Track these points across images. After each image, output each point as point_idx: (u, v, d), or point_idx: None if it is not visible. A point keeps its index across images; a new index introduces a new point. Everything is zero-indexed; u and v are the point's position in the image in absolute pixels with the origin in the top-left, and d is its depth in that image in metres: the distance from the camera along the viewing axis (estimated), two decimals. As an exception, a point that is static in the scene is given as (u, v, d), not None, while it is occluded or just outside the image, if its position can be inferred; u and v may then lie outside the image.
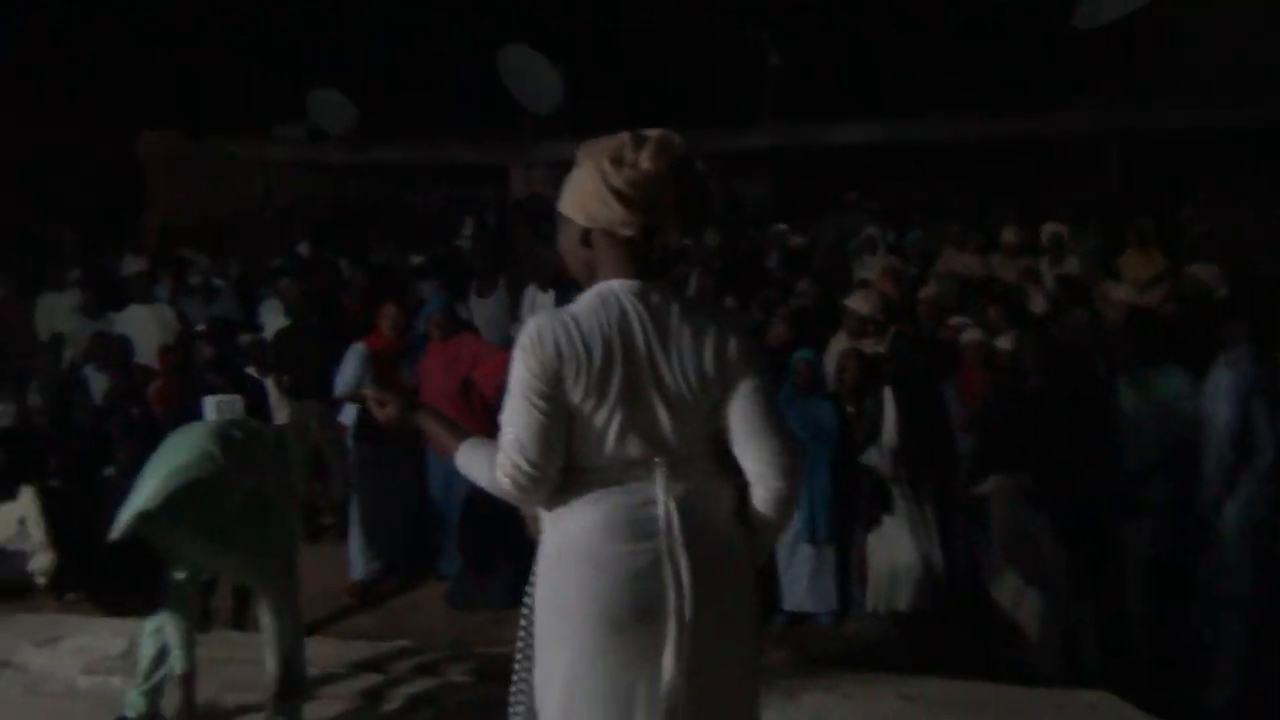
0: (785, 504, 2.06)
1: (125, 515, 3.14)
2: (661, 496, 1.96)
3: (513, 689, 2.15)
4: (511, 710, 2.15)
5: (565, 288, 8.04)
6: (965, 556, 5.28)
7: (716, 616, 1.95)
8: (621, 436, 1.97)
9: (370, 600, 5.76)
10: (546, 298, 8.27)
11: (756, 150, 13.86)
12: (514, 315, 8.30)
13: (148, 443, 6.16)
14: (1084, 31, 12.16)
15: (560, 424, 1.97)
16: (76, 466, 6.12)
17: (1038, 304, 7.32)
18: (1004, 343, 5.64)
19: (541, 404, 1.95)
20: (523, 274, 8.88)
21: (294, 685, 3.44)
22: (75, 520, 5.76)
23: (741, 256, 9.92)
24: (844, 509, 5.25)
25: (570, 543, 2.00)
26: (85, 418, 6.45)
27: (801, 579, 5.23)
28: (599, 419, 1.96)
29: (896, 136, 13.39)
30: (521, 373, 1.96)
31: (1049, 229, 8.38)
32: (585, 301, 2.01)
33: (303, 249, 11.34)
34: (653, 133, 2.03)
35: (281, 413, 6.62)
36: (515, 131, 14.81)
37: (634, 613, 1.93)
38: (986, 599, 4.87)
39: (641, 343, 1.96)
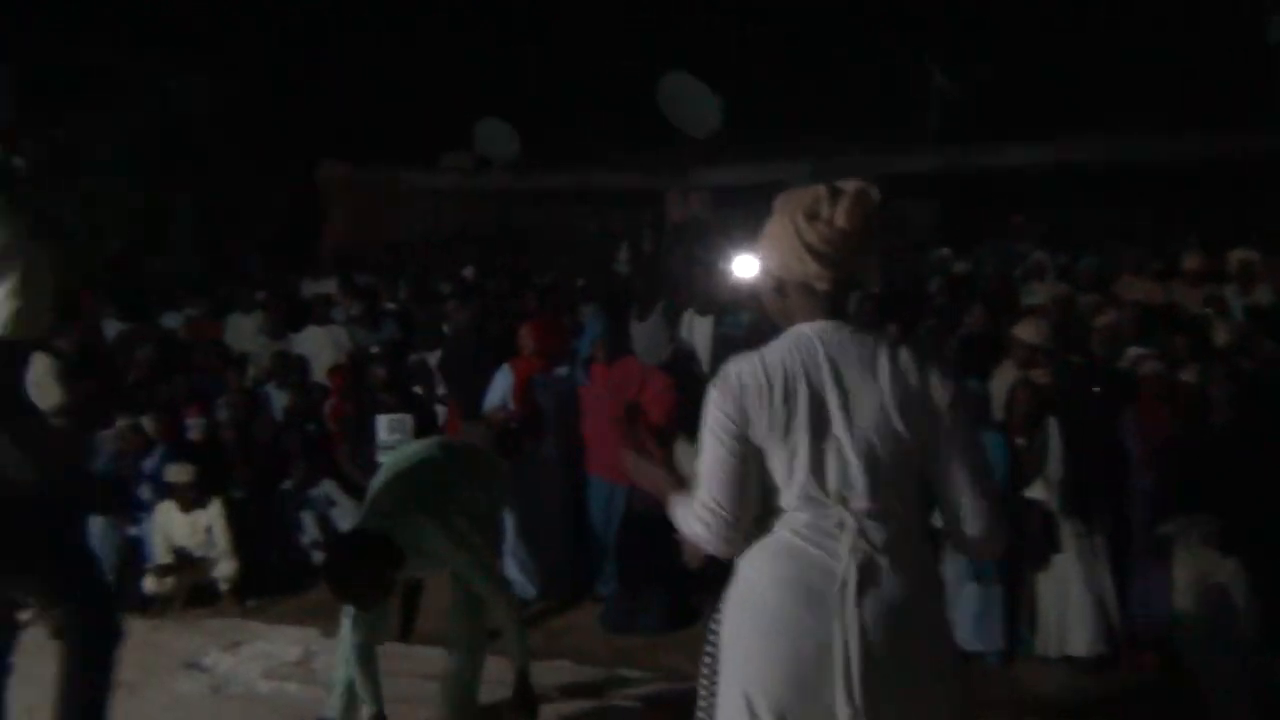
0: (990, 547, 2.01)
1: (368, 513, 3.36)
2: (844, 560, 1.89)
3: (698, 714, 2.16)
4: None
5: (723, 313, 8.03)
6: (1145, 600, 4.99)
7: (896, 693, 1.87)
8: (810, 478, 1.92)
9: (527, 619, 5.85)
10: (704, 322, 8.28)
11: (919, 174, 13.57)
12: (671, 339, 8.32)
13: (322, 458, 6.52)
14: (1275, 49, 11.46)
15: (751, 467, 1.95)
16: (258, 479, 6.47)
17: (1222, 335, 6.89)
18: (1188, 375, 5.32)
19: (731, 444, 1.95)
20: (680, 298, 8.92)
21: (527, 696, 3.64)
22: (257, 530, 6.09)
23: (903, 283, 9.71)
24: (1012, 546, 5.04)
25: (751, 594, 1.98)
26: (266, 433, 6.80)
27: (967, 618, 5.04)
28: (786, 460, 1.93)
29: (1067, 159, 12.88)
30: (713, 414, 1.97)
31: (1237, 256, 7.90)
32: (778, 343, 2.01)
33: (468, 273, 11.70)
34: (850, 186, 1.99)
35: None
36: (673, 156, 14.95)
37: (806, 677, 1.89)
38: (1168, 647, 4.60)
39: (831, 383, 1.92)
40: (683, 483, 2.10)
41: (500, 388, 6.12)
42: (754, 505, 1.98)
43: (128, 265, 12.06)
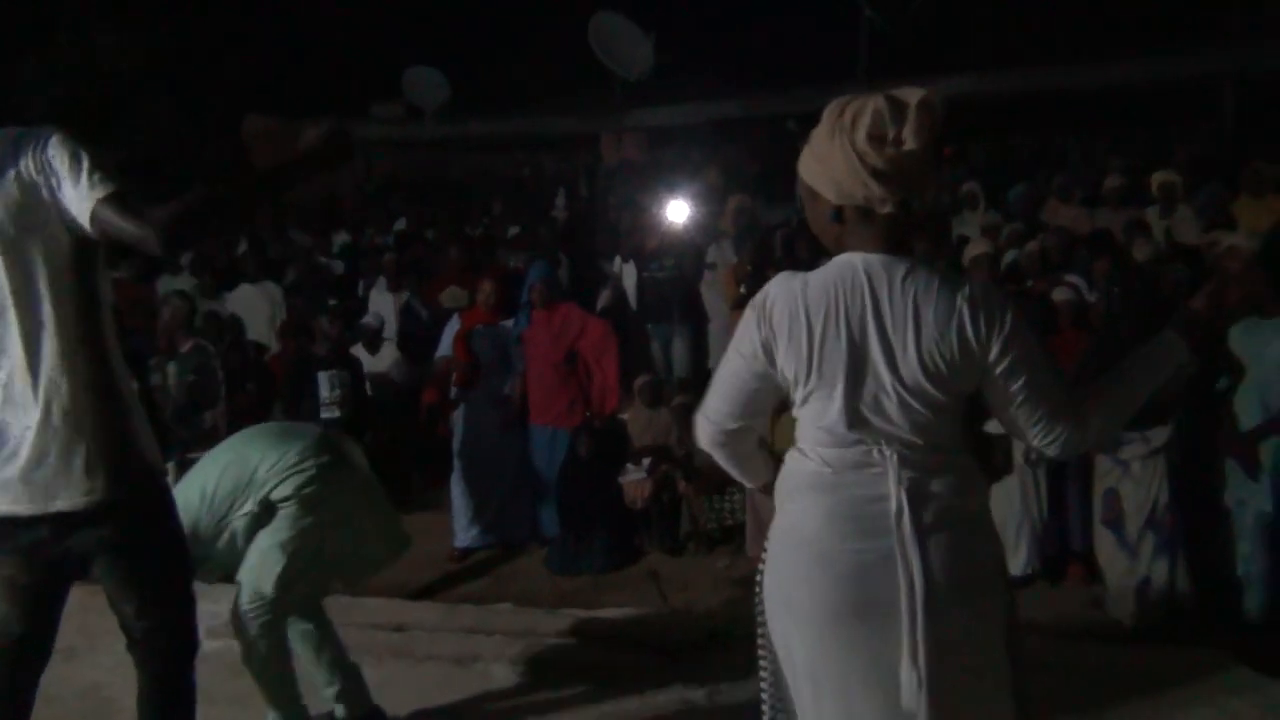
0: (1070, 453, 1.97)
1: None
2: (894, 489, 1.82)
3: (761, 669, 2.07)
4: (762, 686, 2.07)
5: (648, 259, 8.06)
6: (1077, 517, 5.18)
7: (957, 615, 1.82)
8: (847, 415, 1.83)
9: (473, 566, 5.92)
10: (629, 268, 8.32)
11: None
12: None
13: (262, 415, 6.49)
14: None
15: (755, 384, 1.93)
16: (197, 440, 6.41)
17: (1141, 253, 7.05)
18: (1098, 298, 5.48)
19: (747, 365, 1.92)
20: (612, 244, 8.94)
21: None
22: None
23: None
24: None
25: (795, 532, 1.91)
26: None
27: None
28: (821, 391, 1.85)
29: (992, 89, 12.97)
30: (740, 330, 1.93)
31: (1159, 178, 8.03)
32: (824, 270, 1.89)
33: (400, 225, 11.58)
34: (912, 98, 1.82)
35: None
36: (606, 99, 14.84)
37: (862, 610, 1.83)
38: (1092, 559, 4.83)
39: (872, 316, 1.81)
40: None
41: (447, 338, 6.18)
42: (740, 420, 1.99)
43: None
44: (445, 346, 6.22)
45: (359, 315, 7.55)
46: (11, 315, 2.17)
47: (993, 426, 5.07)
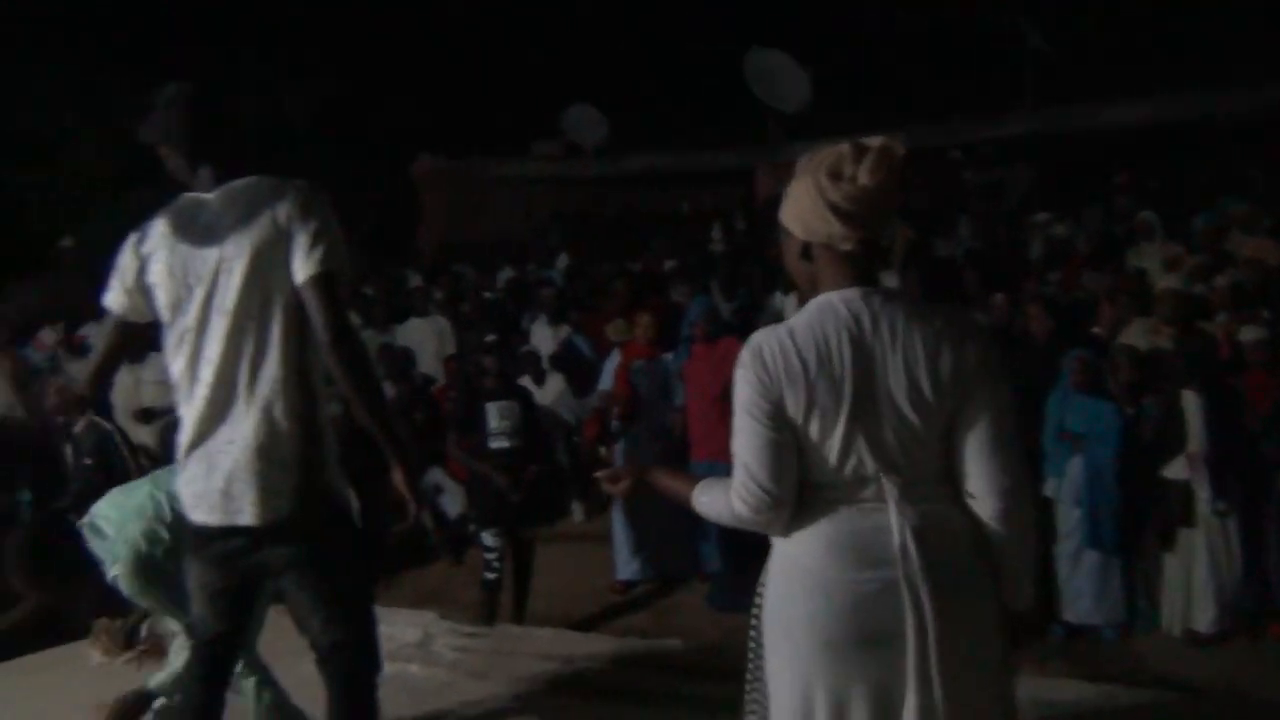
0: (1009, 522, 1.91)
1: None
2: (896, 521, 1.84)
3: (747, 695, 2.11)
4: (747, 712, 2.11)
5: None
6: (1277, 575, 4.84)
7: (962, 645, 1.83)
8: (847, 452, 1.87)
9: (634, 599, 5.95)
10: (790, 301, 8.25)
11: (1016, 137, 13.22)
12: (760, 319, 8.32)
13: (430, 446, 6.71)
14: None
15: (788, 441, 1.90)
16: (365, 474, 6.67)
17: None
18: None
19: (766, 421, 1.89)
20: (768, 278, 8.89)
21: None
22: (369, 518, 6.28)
23: (1001, 248, 9.51)
24: (1132, 517, 4.93)
25: (795, 563, 1.93)
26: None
27: (1085, 590, 4.95)
28: (821, 434, 1.87)
29: (1166, 115, 12.36)
30: (743, 391, 1.92)
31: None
32: (805, 314, 1.95)
33: (561, 261, 11.84)
34: (874, 142, 1.92)
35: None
36: (762, 133, 14.85)
37: (861, 641, 1.84)
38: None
39: (862, 354, 1.86)
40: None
41: (608, 372, 6.29)
42: (794, 480, 1.92)
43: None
44: (606, 380, 6.32)
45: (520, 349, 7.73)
46: (249, 338, 2.39)
47: (1173, 470, 4.86)
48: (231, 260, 2.37)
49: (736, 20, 15.14)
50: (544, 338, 8.32)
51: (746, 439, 1.93)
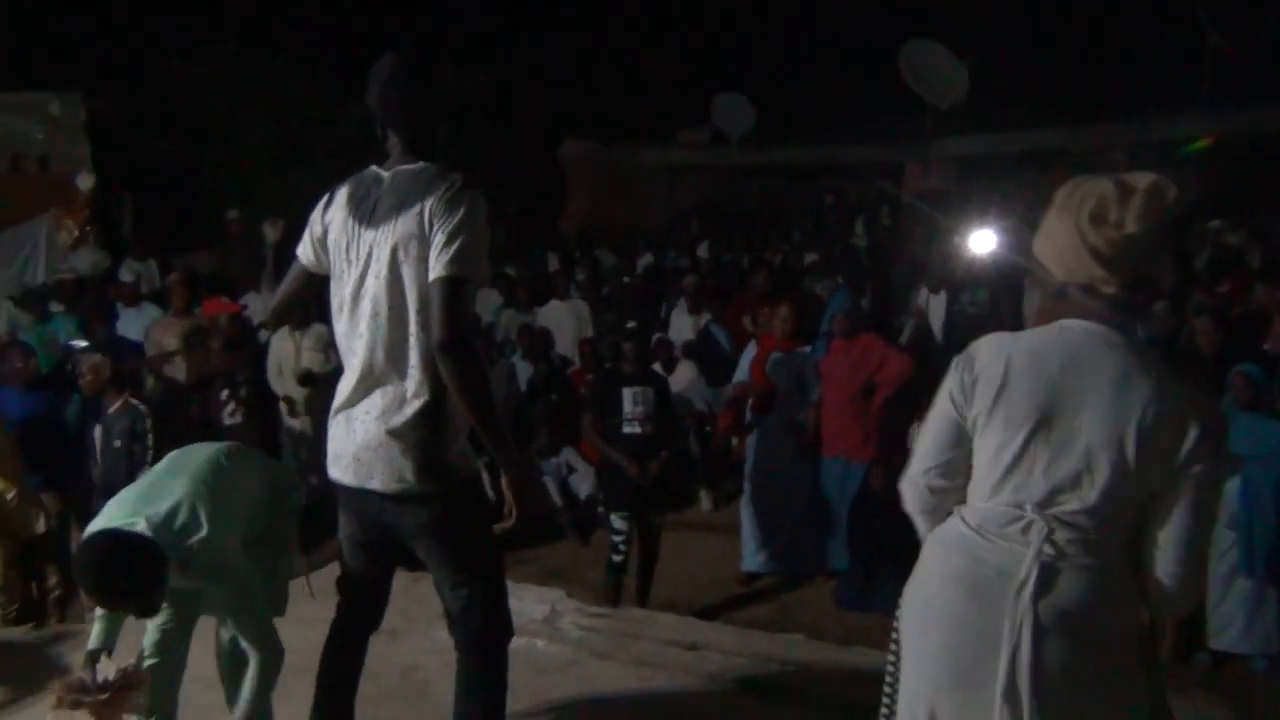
0: (1168, 608, 1.84)
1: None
2: (1028, 564, 1.76)
3: (884, 695, 2.11)
4: (881, 713, 2.12)
5: (960, 290, 7.77)
6: None
7: (1059, 704, 1.74)
8: (1013, 475, 1.80)
9: (759, 591, 5.93)
10: (939, 299, 8.04)
11: (1192, 139, 12.55)
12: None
13: (567, 425, 6.82)
14: None
15: (953, 436, 1.90)
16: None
17: None
18: None
19: (950, 421, 1.90)
20: (914, 274, 8.69)
21: None
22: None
23: (1172, 257, 9.05)
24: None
25: (923, 585, 1.93)
26: (511, 403, 7.17)
27: (1237, 617, 4.69)
28: (993, 447, 1.82)
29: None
30: (945, 386, 1.92)
31: None
32: (1039, 332, 1.87)
33: (702, 250, 11.84)
34: (1141, 182, 1.79)
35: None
36: (914, 127, 14.51)
37: (963, 671, 1.82)
38: None
39: (1073, 387, 1.77)
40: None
41: (744, 363, 6.28)
42: (950, 479, 1.92)
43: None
44: (743, 371, 6.29)
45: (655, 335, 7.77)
46: (390, 325, 2.48)
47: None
48: (380, 247, 2.46)
49: (893, 9, 14.83)
50: (683, 325, 8.35)
51: (929, 435, 1.96)
